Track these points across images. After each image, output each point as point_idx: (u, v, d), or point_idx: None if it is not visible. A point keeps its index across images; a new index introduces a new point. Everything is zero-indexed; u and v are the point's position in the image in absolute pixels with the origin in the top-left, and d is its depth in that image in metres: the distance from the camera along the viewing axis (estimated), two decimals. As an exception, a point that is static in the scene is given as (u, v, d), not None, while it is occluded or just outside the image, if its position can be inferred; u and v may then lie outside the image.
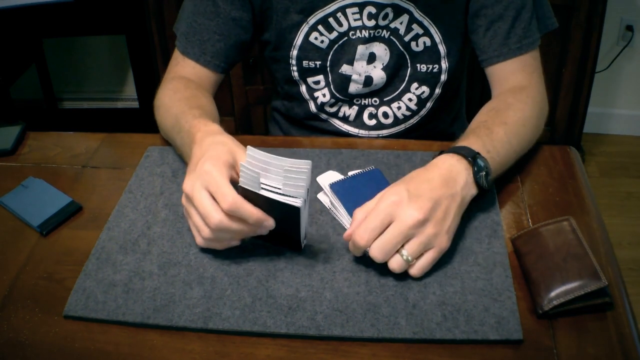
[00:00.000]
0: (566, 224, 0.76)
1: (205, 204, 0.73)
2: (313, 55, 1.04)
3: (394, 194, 0.74)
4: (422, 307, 0.72)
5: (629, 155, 2.37)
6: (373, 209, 0.74)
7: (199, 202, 0.74)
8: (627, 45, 2.23)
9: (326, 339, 0.70)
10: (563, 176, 0.91)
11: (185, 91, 0.98)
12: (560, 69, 1.99)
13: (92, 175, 0.97)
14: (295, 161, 0.71)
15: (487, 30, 0.98)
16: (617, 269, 0.76)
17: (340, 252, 0.79)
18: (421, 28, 1.01)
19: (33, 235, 0.85)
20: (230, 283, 0.75)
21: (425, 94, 1.08)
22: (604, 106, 2.40)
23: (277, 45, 1.05)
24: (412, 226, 0.72)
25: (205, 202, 0.73)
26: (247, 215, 0.72)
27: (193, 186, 0.74)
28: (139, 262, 0.79)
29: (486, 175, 0.81)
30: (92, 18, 2.08)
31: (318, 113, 1.13)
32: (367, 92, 1.08)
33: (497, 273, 0.75)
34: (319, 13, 1.00)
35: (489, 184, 0.81)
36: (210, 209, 0.73)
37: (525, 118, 0.92)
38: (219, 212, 0.72)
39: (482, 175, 0.80)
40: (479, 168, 0.80)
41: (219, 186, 0.73)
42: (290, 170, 0.71)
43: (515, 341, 0.68)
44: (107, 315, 0.72)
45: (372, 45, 1.03)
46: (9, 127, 1.05)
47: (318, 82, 1.08)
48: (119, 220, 0.86)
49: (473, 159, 0.80)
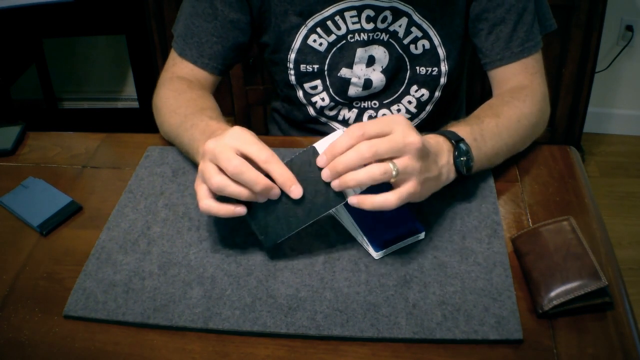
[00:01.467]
0: (566, 224, 0.76)
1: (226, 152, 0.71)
2: (311, 58, 1.04)
3: (398, 116, 0.74)
4: (422, 307, 0.72)
5: (629, 155, 2.37)
6: (372, 120, 0.73)
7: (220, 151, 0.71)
8: (627, 45, 2.23)
9: (326, 339, 0.70)
10: (563, 176, 0.91)
11: (191, 92, 0.97)
12: (560, 69, 1.99)
13: (92, 175, 0.97)
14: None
15: (489, 34, 0.98)
16: (617, 269, 0.76)
17: (340, 252, 0.79)
18: (420, 31, 1.01)
19: (33, 235, 0.85)
20: (230, 283, 0.75)
21: (425, 97, 1.08)
22: (603, 106, 2.40)
23: (275, 48, 1.05)
24: (409, 144, 0.71)
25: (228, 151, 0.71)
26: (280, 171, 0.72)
27: (217, 143, 0.73)
28: (139, 262, 0.79)
29: (467, 161, 0.81)
30: (92, 18, 2.08)
31: (317, 116, 1.13)
32: (367, 95, 1.08)
33: (497, 273, 0.75)
34: (317, 16, 1.00)
35: (468, 171, 0.82)
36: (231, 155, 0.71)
37: (521, 114, 0.92)
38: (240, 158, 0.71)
39: (463, 160, 0.81)
40: (459, 152, 0.81)
41: (253, 142, 0.72)
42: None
43: (515, 341, 0.68)
44: (107, 315, 0.72)
45: (371, 48, 1.03)
46: (9, 127, 1.06)
47: (315, 87, 1.08)
48: (119, 220, 0.86)
49: (456, 143, 0.81)
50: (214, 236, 0.82)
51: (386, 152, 0.70)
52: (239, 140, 0.73)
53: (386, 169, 0.71)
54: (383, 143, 0.70)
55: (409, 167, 0.72)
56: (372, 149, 0.70)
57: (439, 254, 0.78)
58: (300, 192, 0.73)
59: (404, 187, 0.73)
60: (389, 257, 0.78)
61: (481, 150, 0.84)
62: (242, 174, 0.71)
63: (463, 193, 0.87)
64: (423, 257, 0.78)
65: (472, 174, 0.84)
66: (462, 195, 0.87)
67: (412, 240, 0.80)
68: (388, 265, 0.77)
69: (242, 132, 0.74)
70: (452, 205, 0.85)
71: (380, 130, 0.71)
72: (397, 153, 0.71)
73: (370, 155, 0.70)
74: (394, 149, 0.71)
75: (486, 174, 0.90)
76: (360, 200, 0.73)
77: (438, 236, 0.81)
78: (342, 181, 0.72)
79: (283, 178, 0.72)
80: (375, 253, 0.78)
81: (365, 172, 0.71)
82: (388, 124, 0.72)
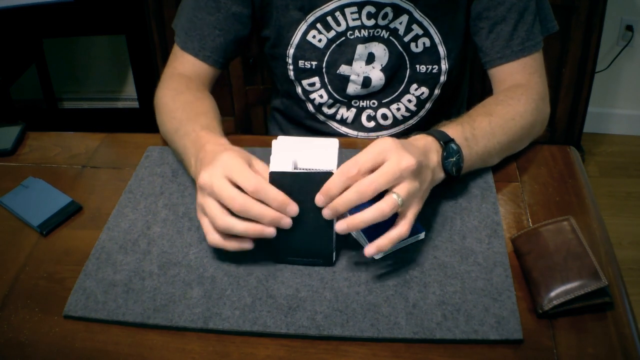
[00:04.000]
0: (566, 224, 0.76)
1: (226, 188, 0.71)
2: (310, 54, 1.04)
3: (385, 141, 0.73)
4: (422, 307, 0.72)
5: (629, 155, 2.37)
6: (363, 151, 0.72)
7: (219, 188, 0.71)
8: (627, 45, 2.23)
9: (326, 339, 0.70)
10: (563, 176, 0.91)
11: (187, 93, 0.98)
12: (560, 69, 1.99)
13: (92, 175, 0.97)
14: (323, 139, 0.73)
15: (490, 33, 0.98)
16: (617, 269, 0.76)
17: (341, 252, 0.79)
18: (421, 28, 1.01)
19: (33, 235, 0.85)
20: (230, 283, 0.75)
21: (425, 95, 1.08)
22: (603, 106, 2.40)
23: (275, 43, 1.05)
24: (404, 169, 0.71)
25: (227, 187, 0.71)
26: (272, 196, 0.71)
27: (211, 175, 0.72)
28: (139, 262, 0.79)
29: (456, 162, 0.81)
30: (92, 18, 2.08)
31: (316, 114, 1.13)
32: (366, 94, 1.08)
33: (497, 273, 0.75)
34: (318, 11, 1.00)
35: (456, 172, 0.82)
36: (232, 192, 0.71)
37: (516, 113, 0.92)
38: (242, 194, 0.71)
39: (452, 161, 0.81)
40: (449, 153, 0.81)
41: (241, 170, 0.72)
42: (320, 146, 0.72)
43: (515, 341, 0.68)
44: (107, 315, 0.72)
45: (371, 45, 1.03)
46: (9, 127, 1.06)
47: (313, 84, 1.08)
48: (119, 220, 0.86)
49: (445, 143, 0.81)
50: (214, 236, 0.82)
51: (386, 184, 0.71)
52: (231, 170, 0.72)
53: (394, 203, 0.71)
54: (381, 178, 0.70)
55: (411, 191, 0.72)
56: (371, 187, 0.70)
57: (439, 254, 0.78)
58: (295, 209, 0.72)
59: (410, 213, 0.73)
60: (389, 257, 0.78)
61: (473, 150, 0.84)
62: (250, 210, 0.71)
63: (463, 193, 0.87)
64: (423, 257, 0.78)
65: (466, 173, 0.84)
66: (462, 195, 0.87)
67: (412, 240, 0.80)
68: (388, 265, 0.77)
69: (232, 160, 0.73)
70: (452, 205, 0.85)
71: (374, 163, 0.71)
72: (396, 181, 0.71)
73: (371, 193, 0.70)
74: (392, 180, 0.71)
75: (486, 174, 0.90)
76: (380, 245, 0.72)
77: (438, 236, 0.81)
78: (352, 225, 0.71)
79: (277, 202, 0.71)
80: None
81: (375, 211, 0.71)
82: (380, 154, 0.72)
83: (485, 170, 0.90)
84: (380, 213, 0.70)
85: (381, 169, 0.71)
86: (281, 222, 0.72)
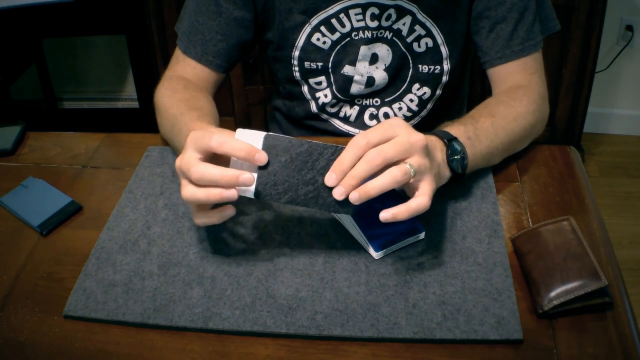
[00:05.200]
0: (566, 224, 0.76)
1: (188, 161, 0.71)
2: (315, 56, 1.04)
3: (395, 118, 0.73)
4: (422, 307, 0.72)
5: (629, 155, 2.37)
6: (373, 127, 0.72)
7: (186, 163, 0.71)
8: (627, 45, 2.23)
9: (326, 339, 0.70)
10: (563, 176, 0.91)
11: (184, 92, 0.97)
12: (560, 69, 1.99)
13: (92, 175, 0.97)
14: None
15: (490, 32, 0.98)
16: (617, 269, 0.76)
17: (340, 252, 0.79)
18: (423, 29, 1.01)
19: (33, 235, 0.85)
20: (230, 283, 0.75)
21: (427, 95, 1.08)
22: (603, 106, 2.40)
23: (279, 46, 1.05)
24: (414, 142, 0.71)
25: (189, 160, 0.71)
26: (238, 146, 0.69)
27: (182, 156, 0.72)
28: (139, 262, 0.79)
29: (461, 160, 0.81)
30: (92, 18, 2.08)
31: (319, 113, 1.13)
32: (369, 93, 1.08)
33: (497, 273, 0.75)
34: (322, 14, 1.00)
35: (462, 169, 0.82)
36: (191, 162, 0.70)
37: (517, 114, 0.92)
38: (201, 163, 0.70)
39: (457, 159, 0.81)
40: (453, 151, 0.81)
41: (204, 135, 0.71)
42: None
43: (515, 341, 0.68)
44: (107, 315, 0.72)
45: (375, 46, 1.03)
46: (9, 127, 1.06)
47: (320, 83, 1.08)
48: (119, 220, 0.86)
49: (448, 142, 0.81)
50: (214, 236, 0.82)
51: (395, 155, 0.70)
52: (195, 143, 0.72)
53: (405, 170, 0.70)
54: (390, 147, 0.70)
55: (422, 165, 0.71)
56: (381, 155, 0.69)
57: (439, 254, 0.78)
58: (264, 158, 0.70)
59: (426, 186, 0.72)
60: (389, 257, 0.78)
61: (476, 149, 0.84)
62: (204, 175, 0.70)
63: (463, 193, 0.87)
64: (423, 257, 0.78)
65: (469, 173, 0.84)
66: (462, 195, 0.87)
67: (412, 240, 0.80)
68: (388, 265, 0.77)
69: (196, 134, 0.73)
70: (452, 205, 0.85)
71: (383, 136, 0.71)
72: (405, 154, 0.71)
73: (380, 162, 0.69)
74: (401, 151, 0.70)
75: (486, 174, 0.90)
76: (395, 213, 0.70)
77: (438, 236, 0.81)
78: (363, 192, 0.69)
79: (243, 152, 0.69)
80: (375, 253, 0.78)
81: (387, 177, 0.69)
82: (389, 128, 0.71)
83: (485, 170, 0.90)
84: (393, 179, 0.69)
85: (391, 141, 0.70)
86: (239, 179, 0.69)
